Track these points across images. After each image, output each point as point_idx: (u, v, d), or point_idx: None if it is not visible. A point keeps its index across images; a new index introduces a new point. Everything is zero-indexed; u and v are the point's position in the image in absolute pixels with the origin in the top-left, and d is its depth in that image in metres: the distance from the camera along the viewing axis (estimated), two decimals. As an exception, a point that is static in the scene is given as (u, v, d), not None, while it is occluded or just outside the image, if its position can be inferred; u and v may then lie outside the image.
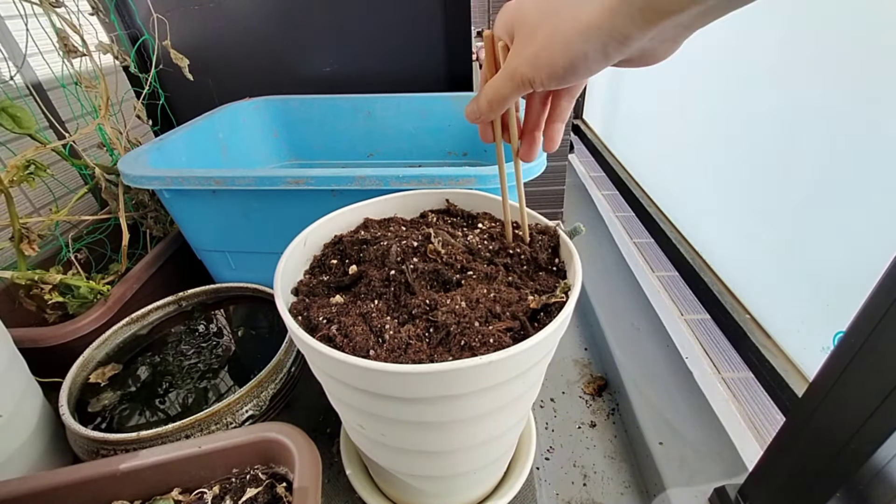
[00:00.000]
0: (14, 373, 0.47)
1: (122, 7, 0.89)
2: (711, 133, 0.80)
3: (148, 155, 0.63)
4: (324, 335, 0.31)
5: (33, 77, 0.77)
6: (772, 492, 0.40)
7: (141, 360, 0.56)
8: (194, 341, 0.59)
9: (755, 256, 0.70)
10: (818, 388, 0.34)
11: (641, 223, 1.04)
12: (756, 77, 0.67)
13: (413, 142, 0.90)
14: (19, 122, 0.59)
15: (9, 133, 0.60)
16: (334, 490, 0.51)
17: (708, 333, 0.73)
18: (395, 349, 0.30)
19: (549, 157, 0.67)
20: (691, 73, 0.86)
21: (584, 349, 0.72)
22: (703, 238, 0.84)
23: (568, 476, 0.54)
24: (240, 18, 0.92)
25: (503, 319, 0.32)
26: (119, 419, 0.49)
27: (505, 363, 0.27)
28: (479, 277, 0.36)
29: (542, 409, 0.62)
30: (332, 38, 0.93)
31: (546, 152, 0.38)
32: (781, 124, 0.62)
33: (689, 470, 0.50)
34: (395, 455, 0.38)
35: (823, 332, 0.56)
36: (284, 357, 0.51)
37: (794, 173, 0.60)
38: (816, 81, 0.56)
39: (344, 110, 0.89)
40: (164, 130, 0.75)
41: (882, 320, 0.28)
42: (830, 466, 0.33)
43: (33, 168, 0.60)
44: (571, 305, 0.31)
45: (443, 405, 0.30)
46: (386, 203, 0.45)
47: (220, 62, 0.96)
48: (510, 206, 0.43)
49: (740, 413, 0.59)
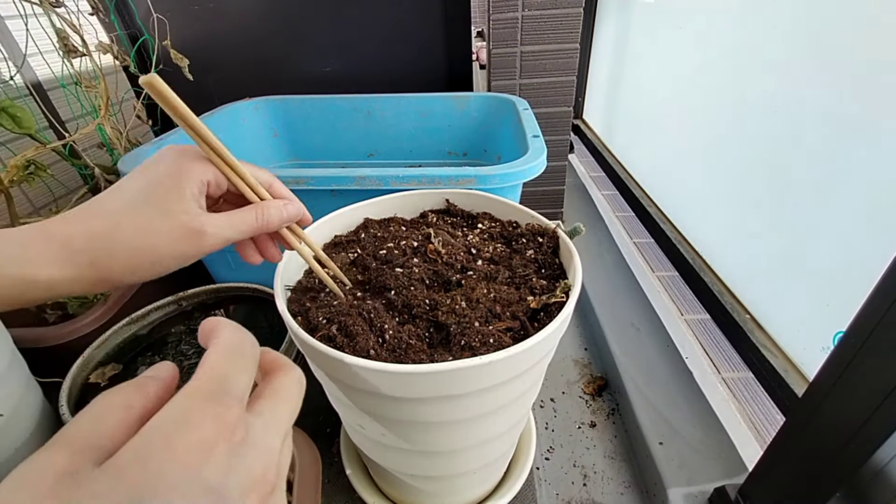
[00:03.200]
0: (14, 373, 0.47)
1: (122, 7, 0.89)
2: (711, 133, 0.80)
3: (148, 155, 0.63)
4: (324, 335, 0.31)
5: (33, 77, 0.77)
6: (772, 492, 0.40)
7: (141, 360, 0.56)
8: (194, 341, 0.59)
9: (755, 256, 0.70)
10: (818, 388, 0.34)
11: (641, 223, 1.04)
12: (756, 77, 0.67)
13: (413, 142, 0.90)
14: (19, 122, 0.59)
15: (9, 133, 0.60)
16: (334, 490, 0.51)
17: (708, 333, 0.73)
18: (396, 349, 0.30)
19: (549, 157, 0.67)
20: (691, 73, 0.86)
21: (584, 349, 0.72)
22: (703, 238, 0.84)
23: (568, 476, 0.54)
24: (240, 18, 0.92)
25: (503, 319, 0.32)
26: (119, 419, 0.49)
27: (505, 363, 0.27)
28: (479, 277, 0.36)
29: (542, 409, 0.62)
30: (332, 38, 0.93)
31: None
32: (781, 124, 0.62)
33: (689, 470, 0.50)
34: (395, 455, 0.38)
35: (823, 332, 0.56)
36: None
37: (794, 173, 0.60)
38: (817, 81, 0.56)
39: (344, 110, 0.89)
40: (164, 130, 0.75)
41: (882, 320, 0.28)
42: (830, 466, 0.33)
43: (33, 168, 0.60)
44: (571, 305, 0.31)
45: (443, 405, 0.30)
46: (386, 203, 0.45)
47: (220, 62, 0.96)
48: (510, 206, 0.43)
49: (740, 413, 0.59)
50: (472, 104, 0.85)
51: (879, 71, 0.48)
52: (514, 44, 0.79)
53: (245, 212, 0.29)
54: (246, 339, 0.20)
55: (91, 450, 0.15)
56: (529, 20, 0.77)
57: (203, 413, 0.16)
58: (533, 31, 0.78)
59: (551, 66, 0.81)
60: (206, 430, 0.16)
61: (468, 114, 0.85)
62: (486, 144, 0.86)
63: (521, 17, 0.77)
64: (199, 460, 0.15)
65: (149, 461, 0.14)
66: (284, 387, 0.20)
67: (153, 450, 0.15)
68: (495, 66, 0.82)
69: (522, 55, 0.80)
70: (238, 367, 0.18)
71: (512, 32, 0.78)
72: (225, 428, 0.16)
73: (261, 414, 0.18)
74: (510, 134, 0.76)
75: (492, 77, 0.83)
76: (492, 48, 0.80)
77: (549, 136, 0.85)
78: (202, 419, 0.16)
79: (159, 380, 0.18)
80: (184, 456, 0.15)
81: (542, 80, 0.82)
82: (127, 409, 0.16)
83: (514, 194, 0.58)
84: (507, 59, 0.81)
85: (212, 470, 0.15)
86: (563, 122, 0.87)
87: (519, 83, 0.83)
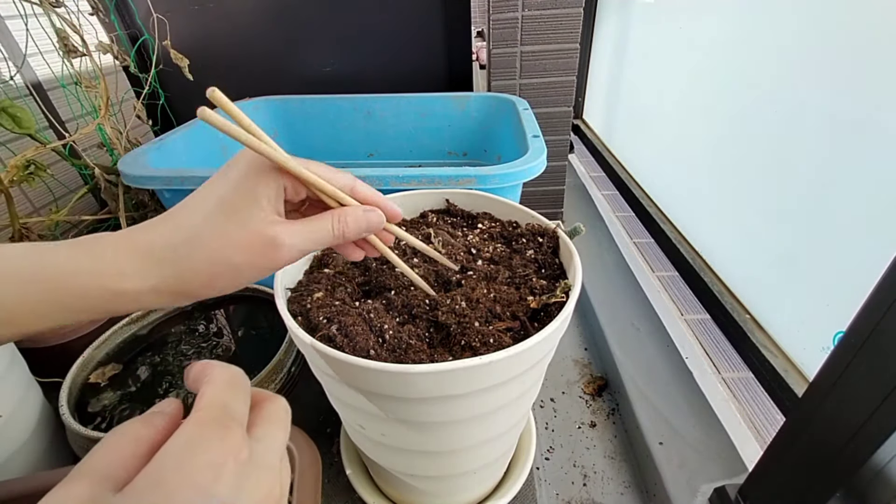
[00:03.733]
0: (14, 373, 0.47)
1: (122, 7, 0.89)
2: (712, 133, 0.80)
3: (148, 155, 0.63)
4: (324, 335, 0.31)
5: (33, 77, 0.77)
6: (772, 492, 0.40)
7: (141, 360, 0.56)
8: (194, 341, 0.59)
9: (755, 256, 0.70)
10: (818, 388, 0.34)
11: (641, 223, 1.04)
12: (756, 76, 0.67)
13: (413, 142, 0.90)
14: (19, 122, 0.59)
15: (9, 133, 0.60)
16: (334, 490, 0.51)
17: (708, 333, 0.73)
18: (396, 349, 0.30)
19: (549, 157, 0.67)
20: (692, 73, 0.86)
21: (584, 349, 0.72)
22: (703, 238, 0.84)
23: (568, 476, 0.54)
24: (240, 18, 0.92)
25: (503, 319, 0.32)
26: (119, 419, 0.49)
27: (505, 363, 0.27)
28: (479, 277, 0.36)
29: (542, 409, 0.62)
30: (332, 38, 0.93)
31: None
32: (782, 123, 0.62)
33: (689, 470, 0.50)
34: (395, 455, 0.38)
35: (823, 332, 0.56)
36: (284, 357, 0.51)
37: (794, 173, 0.60)
38: (817, 81, 0.56)
39: (344, 110, 0.89)
40: (164, 130, 0.75)
41: (882, 320, 0.28)
42: (830, 466, 0.33)
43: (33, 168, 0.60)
44: (571, 305, 0.31)
45: (443, 405, 0.30)
46: (386, 203, 0.45)
47: (220, 62, 0.96)
48: (510, 206, 0.43)
49: (740, 413, 0.59)
50: (472, 104, 0.85)
51: (880, 70, 0.48)
52: (514, 44, 0.79)
53: (321, 220, 0.26)
54: (236, 371, 0.21)
55: (108, 479, 0.16)
56: (529, 20, 0.77)
57: (209, 437, 0.17)
58: (533, 31, 0.78)
59: (551, 66, 0.81)
60: (214, 451, 0.17)
61: (468, 114, 0.85)
62: (486, 144, 0.86)
63: (521, 17, 0.77)
64: (210, 480, 0.16)
65: (163, 484, 0.15)
66: (274, 413, 0.21)
67: (167, 473, 0.16)
68: (495, 66, 0.82)
69: (522, 55, 0.80)
70: (235, 395, 0.19)
71: (512, 32, 0.78)
72: (231, 449, 0.17)
73: (258, 438, 0.19)
74: (510, 134, 0.76)
75: (492, 77, 0.83)
76: (492, 48, 0.80)
77: (549, 136, 0.85)
78: (209, 442, 0.17)
79: (165, 414, 0.19)
80: (196, 477, 0.16)
81: (542, 80, 0.82)
82: (136, 441, 0.18)
83: (514, 194, 0.58)
84: (507, 59, 0.81)
85: (223, 488, 0.16)
86: (563, 122, 0.87)
87: (519, 83, 0.83)
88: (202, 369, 0.20)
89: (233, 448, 0.17)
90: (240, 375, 0.21)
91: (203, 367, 0.21)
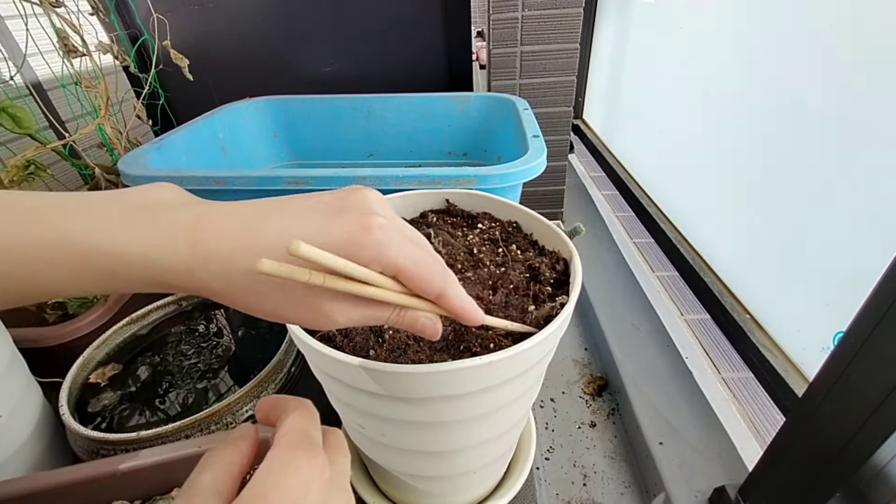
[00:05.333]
0: (14, 373, 0.47)
1: (122, 7, 0.89)
2: (711, 133, 0.80)
3: (148, 155, 0.63)
4: (324, 335, 0.31)
5: (33, 77, 0.77)
6: (772, 492, 0.40)
7: (141, 360, 0.56)
8: (194, 341, 0.59)
9: (755, 256, 0.70)
10: (818, 388, 0.34)
11: (641, 223, 1.04)
12: (757, 76, 0.67)
13: (413, 142, 0.90)
14: (19, 122, 0.59)
15: (9, 133, 0.60)
16: (334, 490, 0.51)
17: (708, 333, 0.73)
18: (395, 349, 0.30)
19: (549, 157, 0.67)
20: (691, 73, 0.86)
21: (584, 349, 0.72)
22: (703, 238, 0.84)
23: (568, 476, 0.54)
24: (240, 18, 0.92)
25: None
26: (119, 419, 0.49)
27: (505, 363, 0.27)
28: (479, 278, 0.36)
29: (542, 409, 0.62)
30: (332, 38, 0.93)
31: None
32: (782, 123, 0.62)
33: (689, 470, 0.50)
34: (395, 455, 0.38)
35: (823, 332, 0.56)
36: (284, 357, 0.51)
37: (794, 173, 0.60)
38: (817, 80, 0.56)
39: (344, 110, 0.89)
40: (164, 130, 0.74)
41: (882, 320, 0.28)
42: (830, 466, 0.33)
43: (33, 168, 0.60)
44: (571, 305, 0.31)
45: (443, 405, 0.30)
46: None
47: (220, 62, 0.96)
48: (510, 206, 0.43)
49: (740, 413, 0.59)
50: (472, 104, 0.85)
51: (880, 70, 0.48)
52: (514, 44, 0.79)
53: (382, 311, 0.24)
54: (308, 403, 0.24)
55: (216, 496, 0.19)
56: (529, 20, 0.77)
57: (298, 459, 0.20)
58: (533, 31, 0.78)
59: (551, 66, 0.81)
60: (303, 471, 0.20)
61: (468, 114, 0.85)
62: (486, 144, 0.86)
63: (521, 17, 0.77)
64: (302, 495, 0.19)
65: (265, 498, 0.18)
66: (338, 442, 0.24)
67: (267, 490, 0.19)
68: (495, 66, 0.82)
69: (522, 55, 0.80)
70: (312, 424, 0.23)
71: (512, 32, 0.78)
72: (316, 469, 0.20)
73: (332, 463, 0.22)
74: (510, 134, 0.76)
75: (492, 77, 0.83)
76: (492, 48, 0.80)
77: (549, 136, 0.85)
78: (298, 464, 0.20)
79: (248, 438, 0.23)
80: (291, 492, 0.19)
81: (542, 80, 0.82)
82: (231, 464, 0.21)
83: (515, 194, 0.58)
84: (507, 59, 0.81)
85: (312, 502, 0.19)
86: (563, 122, 0.87)
87: (519, 83, 0.83)
88: (275, 403, 0.24)
89: (317, 469, 0.20)
90: (311, 406, 0.24)
91: (275, 400, 0.24)
